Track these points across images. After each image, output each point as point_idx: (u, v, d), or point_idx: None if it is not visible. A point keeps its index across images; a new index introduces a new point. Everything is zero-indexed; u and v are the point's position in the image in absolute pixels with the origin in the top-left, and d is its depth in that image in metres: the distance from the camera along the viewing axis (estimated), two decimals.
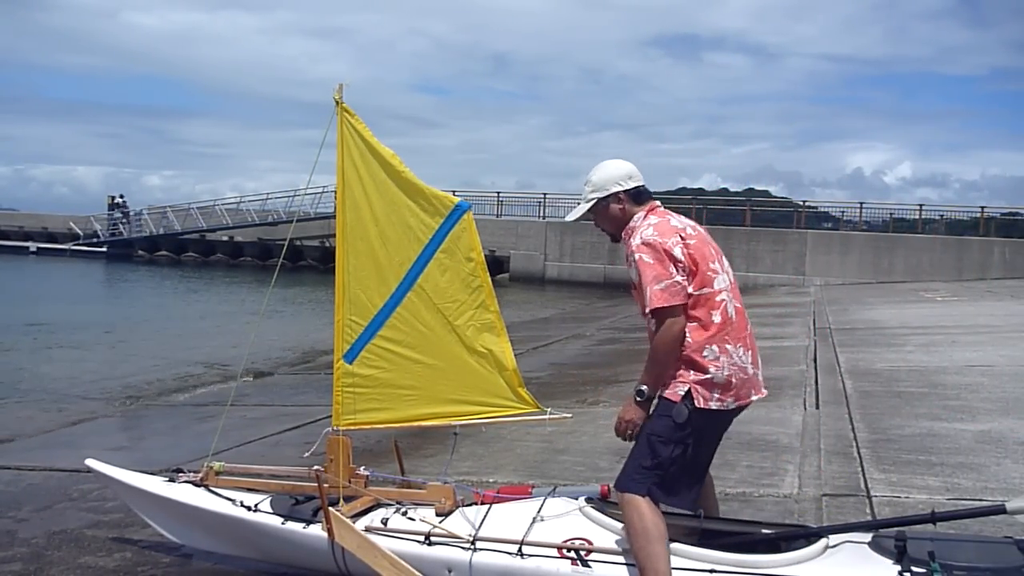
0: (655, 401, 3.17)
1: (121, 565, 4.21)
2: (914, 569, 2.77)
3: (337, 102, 3.62)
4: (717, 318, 3.12)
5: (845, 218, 36.01)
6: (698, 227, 3.31)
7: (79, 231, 42.85)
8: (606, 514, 3.26)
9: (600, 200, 3.33)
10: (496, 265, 35.38)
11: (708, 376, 3.09)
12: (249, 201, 41.89)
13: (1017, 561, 2.75)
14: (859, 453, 5.56)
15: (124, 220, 42.47)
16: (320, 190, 39.09)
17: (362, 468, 3.83)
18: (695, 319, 3.12)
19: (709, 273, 3.15)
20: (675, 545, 3.04)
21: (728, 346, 3.12)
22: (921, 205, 33.96)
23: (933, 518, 3.05)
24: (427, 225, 3.67)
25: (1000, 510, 3.00)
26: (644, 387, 3.13)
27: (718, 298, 3.14)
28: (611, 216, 3.34)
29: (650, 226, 3.20)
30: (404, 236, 3.70)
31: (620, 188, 3.30)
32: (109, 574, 4.12)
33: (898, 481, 4.92)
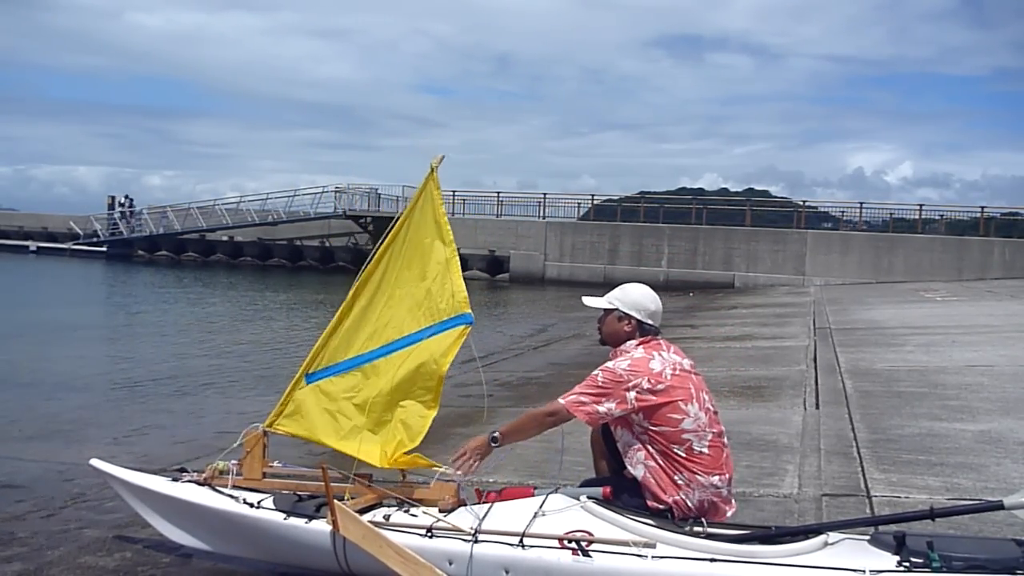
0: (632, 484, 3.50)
1: (121, 565, 4.21)
2: (913, 560, 2.80)
3: (433, 169, 3.82)
4: (682, 452, 3.43)
5: (845, 218, 36.02)
6: (684, 364, 3.55)
7: (79, 231, 42.83)
8: (609, 509, 3.27)
9: (616, 311, 3.67)
10: (496, 265, 35.36)
11: (682, 497, 3.42)
12: (249, 201, 41.88)
13: (1015, 553, 2.77)
14: (859, 453, 5.56)
15: (126, 219, 42.45)
16: (319, 190, 39.14)
17: (276, 462, 4.12)
18: (660, 449, 3.44)
19: (671, 415, 3.42)
20: (676, 536, 3.08)
21: (699, 477, 3.41)
22: (921, 205, 34.02)
23: (932, 514, 3.09)
24: (432, 315, 3.81)
25: (998, 506, 3.03)
26: (499, 435, 3.55)
27: (683, 436, 3.43)
28: (614, 329, 3.68)
29: (630, 359, 3.51)
30: (409, 310, 3.86)
31: (636, 317, 3.64)
32: (109, 574, 4.12)
33: (898, 481, 4.92)
